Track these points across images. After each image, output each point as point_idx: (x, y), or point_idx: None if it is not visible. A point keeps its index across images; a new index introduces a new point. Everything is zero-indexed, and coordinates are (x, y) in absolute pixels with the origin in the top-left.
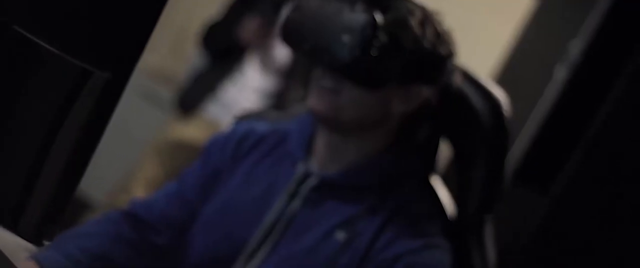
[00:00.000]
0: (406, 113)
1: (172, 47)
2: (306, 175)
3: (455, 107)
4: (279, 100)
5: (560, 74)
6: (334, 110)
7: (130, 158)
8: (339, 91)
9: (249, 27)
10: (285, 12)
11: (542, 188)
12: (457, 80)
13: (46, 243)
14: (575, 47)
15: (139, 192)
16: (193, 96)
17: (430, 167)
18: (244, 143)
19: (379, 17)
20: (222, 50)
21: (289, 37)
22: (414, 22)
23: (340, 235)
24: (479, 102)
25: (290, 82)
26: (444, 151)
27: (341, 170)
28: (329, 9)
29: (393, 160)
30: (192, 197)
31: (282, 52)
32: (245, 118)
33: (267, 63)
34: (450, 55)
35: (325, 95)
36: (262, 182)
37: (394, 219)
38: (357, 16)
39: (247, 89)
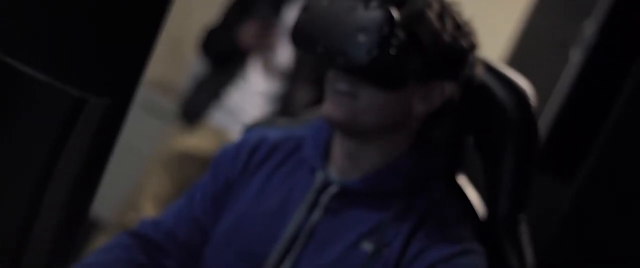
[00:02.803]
0: (428, 112)
1: (170, 55)
2: (326, 184)
3: (478, 101)
4: (285, 104)
5: (576, 56)
6: (351, 116)
7: (136, 174)
8: (356, 95)
9: (249, 30)
10: (293, 13)
11: (566, 177)
12: (479, 72)
13: None
14: (590, 28)
15: (148, 208)
16: (197, 105)
17: (455, 166)
18: (256, 153)
19: (395, 13)
20: (223, 56)
21: (300, 40)
22: (432, 15)
23: (367, 246)
24: (503, 94)
25: (296, 84)
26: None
27: (363, 176)
28: (341, 7)
29: (417, 162)
30: (202, 214)
31: (284, 54)
32: (255, 126)
33: (270, 66)
34: (472, 47)
35: (342, 100)
36: (278, 193)
37: (423, 225)
38: (372, 13)
39: (252, 93)
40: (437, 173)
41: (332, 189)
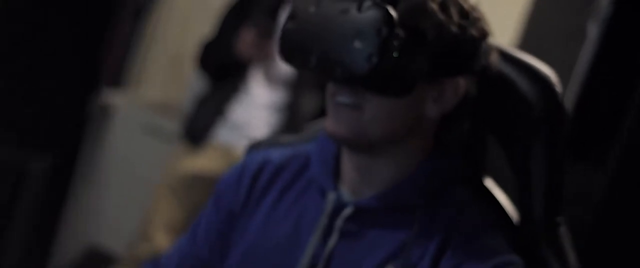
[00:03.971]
0: (443, 113)
1: (168, 74)
2: (339, 205)
3: (497, 93)
4: (291, 113)
5: (593, 32)
6: (357, 130)
7: (145, 202)
8: (360, 106)
9: (246, 39)
10: (280, 23)
11: (597, 161)
12: (495, 61)
13: None
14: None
15: (160, 238)
16: (200, 123)
17: (479, 168)
18: (260, 177)
19: (392, 11)
20: (223, 69)
21: (289, 53)
22: (434, 6)
23: None
24: (524, 83)
25: (300, 92)
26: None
27: (378, 192)
28: (331, 11)
29: (436, 169)
30: (207, 252)
31: None
32: (256, 147)
33: (271, 76)
34: (483, 34)
35: (345, 113)
36: (288, 220)
37: (451, 239)
38: (367, 15)
39: (256, 106)
40: (460, 178)
41: (346, 211)
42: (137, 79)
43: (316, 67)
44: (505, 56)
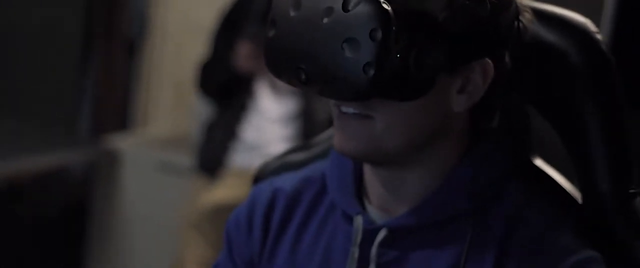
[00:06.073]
0: (473, 102)
1: (172, 106)
2: (369, 230)
3: (530, 57)
4: (306, 122)
5: None
6: (370, 144)
7: (168, 242)
8: (371, 116)
9: (243, 52)
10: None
11: None
12: (529, 24)
13: None
14: None
15: None
16: (213, 151)
17: (526, 150)
18: (273, 213)
19: (386, 5)
20: (225, 89)
21: (276, 68)
22: None
23: None
24: (559, 39)
25: (312, 97)
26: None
27: (412, 207)
28: (314, 13)
29: (477, 168)
30: None
31: None
32: (262, 176)
33: (278, 85)
34: (508, 1)
35: (354, 126)
36: (316, 256)
37: (510, 247)
38: (355, 14)
39: (267, 121)
40: (508, 170)
41: (380, 235)
42: (142, 117)
43: (307, 83)
44: (536, 12)
